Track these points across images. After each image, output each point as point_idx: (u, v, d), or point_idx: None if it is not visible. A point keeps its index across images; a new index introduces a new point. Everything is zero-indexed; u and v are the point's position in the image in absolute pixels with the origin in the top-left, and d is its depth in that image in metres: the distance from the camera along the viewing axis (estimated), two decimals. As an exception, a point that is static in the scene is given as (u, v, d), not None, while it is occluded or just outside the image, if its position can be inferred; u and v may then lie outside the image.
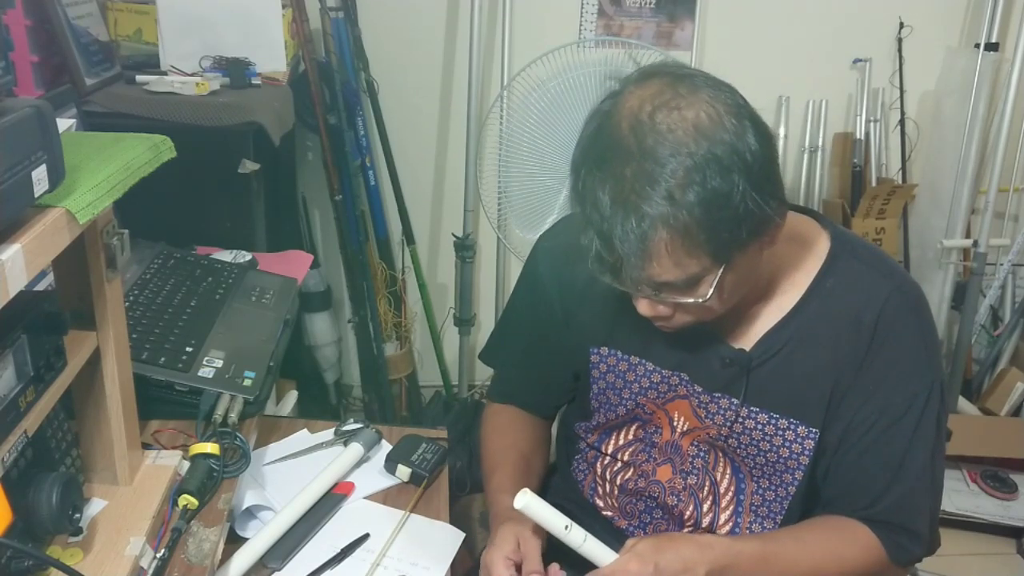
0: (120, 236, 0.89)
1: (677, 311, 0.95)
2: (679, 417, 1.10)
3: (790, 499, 1.07)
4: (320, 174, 2.21)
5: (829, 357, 1.01)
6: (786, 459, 1.05)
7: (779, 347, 1.02)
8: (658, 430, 1.12)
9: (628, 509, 1.15)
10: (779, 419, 1.03)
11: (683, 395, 1.08)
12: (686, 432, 1.10)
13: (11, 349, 0.78)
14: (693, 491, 1.10)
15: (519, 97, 2.05)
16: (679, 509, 1.11)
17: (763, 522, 1.09)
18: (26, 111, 0.69)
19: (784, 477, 1.06)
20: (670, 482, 1.11)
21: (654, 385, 1.09)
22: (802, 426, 1.03)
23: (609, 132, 0.88)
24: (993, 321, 2.57)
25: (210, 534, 0.97)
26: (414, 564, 1.06)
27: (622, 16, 2.33)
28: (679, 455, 1.11)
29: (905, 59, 2.37)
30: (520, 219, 2.09)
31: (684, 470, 1.10)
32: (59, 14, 1.50)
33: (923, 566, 2.09)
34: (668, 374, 1.08)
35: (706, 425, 1.07)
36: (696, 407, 1.07)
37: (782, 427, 1.03)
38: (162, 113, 1.54)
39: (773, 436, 1.04)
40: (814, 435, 1.03)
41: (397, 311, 2.44)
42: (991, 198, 2.39)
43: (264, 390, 1.19)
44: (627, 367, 1.10)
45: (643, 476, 1.13)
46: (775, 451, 1.05)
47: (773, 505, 1.08)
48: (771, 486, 1.07)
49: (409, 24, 2.31)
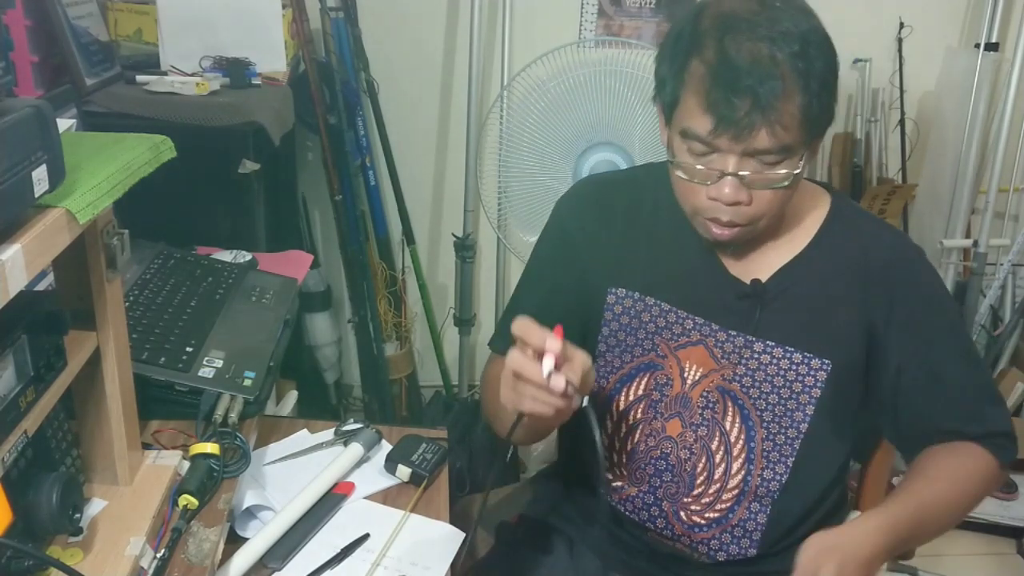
0: (120, 236, 0.89)
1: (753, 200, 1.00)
2: (691, 366, 1.12)
3: (800, 439, 1.10)
4: (320, 174, 2.20)
5: (841, 293, 1.08)
6: (798, 394, 1.09)
7: (791, 283, 1.09)
8: (669, 381, 1.13)
9: (638, 475, 1.16)
10: (793, 352, 1.08)
11: (696, 340, 1.11)
12: (697, 382, 1.12)
13: (11, 349, 0.78)
14: (704, 443, 1.12)
15: (519, 97, 2.05)
16: (691, 463, 1.13)
17: (775, 467, 1.11)
18: (26, 111, 0.69)
19: (795, 416, 1.10)
20: (680, 436, 1.13)
21: (669, 325, 1.13)
22: (816, 359, 1.08)
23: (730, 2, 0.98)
24: (993, 321, 2.57)
25: (210, 534, 0.97)
26: (414, 564, 1.06)
27: (622, 16, 2.33)
28: (688, 408, 1.13)
29: (905, 59, 2.37)
30: (520, 219, 2.09)
31: (693, 422, 1.13)
32: (59, 14, 1.50)
33: (923, 566, 2.10)
34: (683, 315, 1.12)
35: (721, 365, 1.11)
36: (712, 347, 1.11)
37: (796, 361, 1.09)
38: (162, 113, 1.54)
39: (787, 371, 1.09)
40: (827, 366, 1.08)
41: (397, 311, 2.44)
42: (991, 198, 2.39)
43: (264, 390, 1.19)
44: (643, 307, 1.14)
45: (652, 435, 1.14)
46: (788, 386, 1.09)
47: (784, 448, 1.11)
48: (780, 429, 1.11)
49: (409, 24, 2.31)
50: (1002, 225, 2.55)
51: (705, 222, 1.04)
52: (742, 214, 1.01)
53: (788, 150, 0.96)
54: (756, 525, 1.13)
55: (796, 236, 1.11)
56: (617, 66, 1.97)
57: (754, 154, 0.96)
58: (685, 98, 0.98)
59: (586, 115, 1.98)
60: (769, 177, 0.98)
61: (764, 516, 1.13)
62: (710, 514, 1.13)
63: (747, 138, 0.94)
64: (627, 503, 1.17)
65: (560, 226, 1.21)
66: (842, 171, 2.49)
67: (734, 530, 1.13)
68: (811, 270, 1.09)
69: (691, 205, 1.04)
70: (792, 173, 0.98)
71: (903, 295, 1.08)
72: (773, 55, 0.93)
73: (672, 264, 1.13)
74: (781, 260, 1.10)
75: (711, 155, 0.98)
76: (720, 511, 1.13)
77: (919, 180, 2.53)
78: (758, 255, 1.11)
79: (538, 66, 2.02)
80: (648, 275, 1.14)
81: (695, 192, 1.02)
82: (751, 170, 0.97)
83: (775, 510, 1.12)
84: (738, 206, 1.00)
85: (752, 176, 0.97)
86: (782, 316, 1.09)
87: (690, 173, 1.00)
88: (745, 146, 0.95)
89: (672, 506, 1.14)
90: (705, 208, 1.02)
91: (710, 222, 1.03)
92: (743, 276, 1.10)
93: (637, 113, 1.96)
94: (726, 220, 1.01)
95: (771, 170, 0.98)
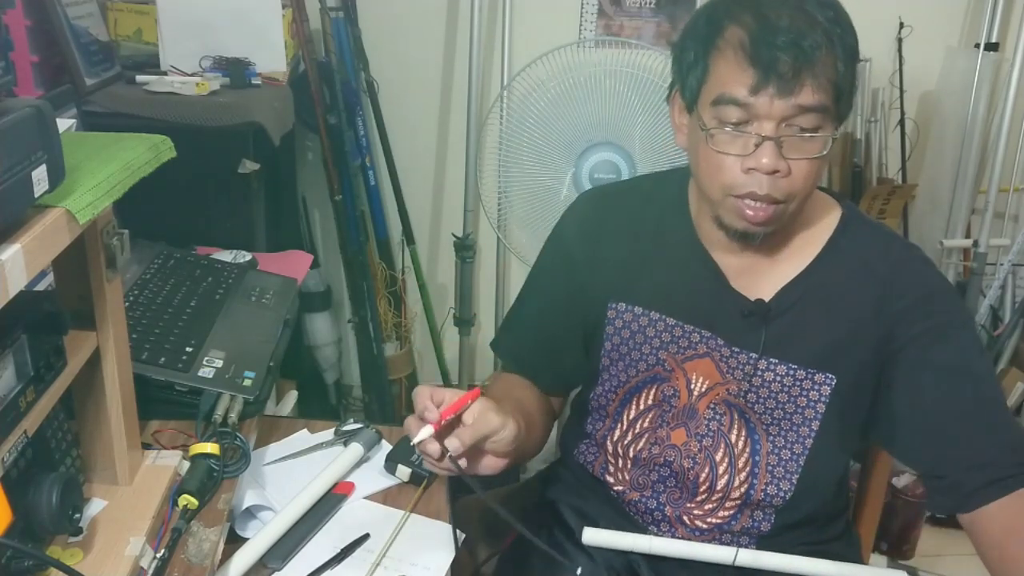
0: (120, 236, 0.89)
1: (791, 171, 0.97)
2: (697, 378, 1.11)
3: (806, 455, 1.09)
4: (320, 174, 2.20)
5: (844, 307, 1.05)
6: (803, 408, 1.08)
7: (795, 299, 1.07)
8: (676, 393, 1.13)
9: (640, 481, 1.16)
10: (797, 369, 1.07)
11: (703, 353, 1.10)
12: (704, 393, 1.11)
13: (11, 349, 0.78)
14: (708, 453, 1.11)
15: (519, 97, 2.05)
16: (694, 472, 1.12)
17: (779, 483, 1.10)
18: (26, 111, 0.69)
19: (801, 431, 1.08)
20: (685, 445, 1.13)
21: (675, 339, 1.11)
22: (819, 373, 1.06)
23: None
24: (993, 321, 2.56)
25: (210, 534, 0.97)
26: (414, 564, 1.06)
27: (622, 16, 2.33)
28: (694, 419, 1.12)
29: (905, 59, 2.37)
30: (520, 219, 2.09)
31: (699, 433, 1.12)
32: (59, 14, 1.50)
33: (923, 566, 2.09)
34: (689, 329, 1.10)
35: (727, 380, 1.09)
36: (719, 361, 1.09)
37: (799, 378, 1.07)
38: (162, 113, 1.54)
39: (791, 387, 1.07)
40: (831, 381, 1.06)
41: (397, 311, 2.44)
42: (991, 198, 2.39)
43: (264, 390, 1.19)
44: (647, 322, 1.13)
45: (657, 443, 1.14)
46: (792, 402, 1.07)
47: (789, 464, 1.10)
48: (786, 444, 1.09)
49: (409, 24, 2.31)
50: (1002, 225, 2.55)
51: (738, 204, 0.99)
52: (779, 187, 0.97)
53: (826, 112, 0.95)
54: (758, 532, 1.13)
55: (803, 249, 1.08)
56: (617, 66, 1.97)
57: (793, 116, 0.94)
58: (718, 66, 0.96)
59: (586, 115, 1.98)
60: (807, 145, 0.96)
61: (768, 524, 1.13)
62: (713, 519, 1.13)
63: (792, 92, 0.93)
64: (629, 506, 1.17)
65: (561, 241, 1.21)
66: (842, 171, 2.49)
67: (736, 534, 1.13)
68: (817, 286, 1.06)
69: (722, 184, 0.99)
70: (828, 139, 0.96)
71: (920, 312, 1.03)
72: (812, 16, 0.93)
73: (675, 279, 1.12)
74: (787, 276, 1.07)
75: (747, 124, 0.95)
76: (723, 518, 1.13)
77: (919, 180, 2.53)
78: (764, 270, 1.08)
79: (538, 66, 2.02)
80: (651, 290, 1.12)
81: (728, 168, 0.98)
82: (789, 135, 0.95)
83: (779, 519, 1.12)
84: (776, 177, 0.96)
85: (790, 143, 0.95)
86: (787, 334, 1.06)
87: (726, 143, 0.97)
88: (786, 104, 0.93)
89: (675, 511, 1.15)
90: (739, 183, 0.98)
91: (744, 202, 0.98)
92: (748, 292, 1.08)
93: (637, 113, 1.96)
94: (763, 193, 0.97)
95: (809, 136, 0.95)
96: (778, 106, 0.93)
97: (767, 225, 1.00)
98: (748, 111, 0.95)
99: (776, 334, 1.07)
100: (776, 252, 1.08)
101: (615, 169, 1.98)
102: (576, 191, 1.99)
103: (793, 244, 1.08)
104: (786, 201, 0.98)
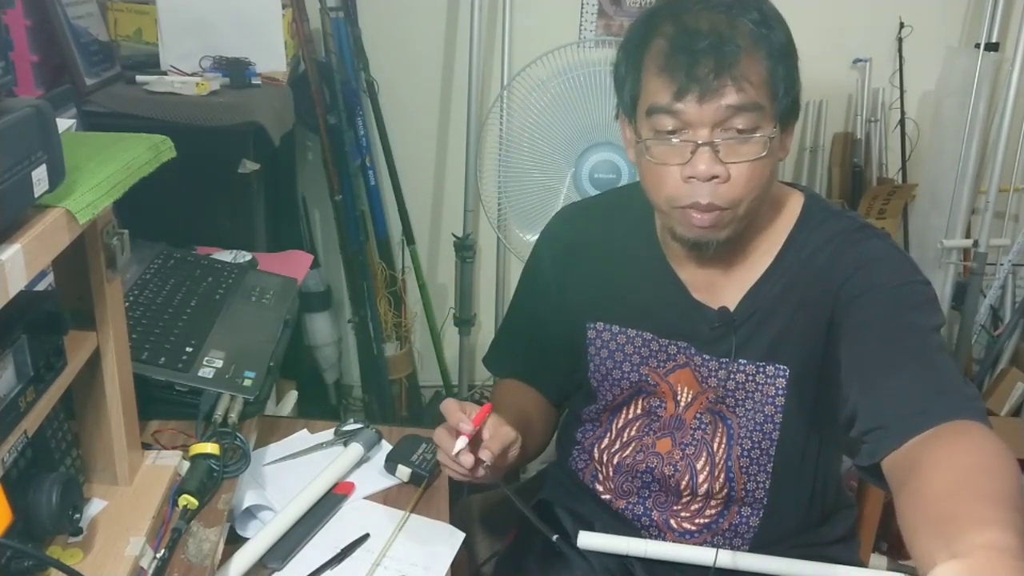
0: (120, 236, 0.89)
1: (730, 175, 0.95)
2: (683, 388, 1.13)
3: (775, 446, 1.10)
4: (320, 174, 2.20)
5: (802, 299, 1.05)
6: (766, 403, 1.08)
7: (759, 303, 1.07)
8: (662, 404, 1.14)
9: (625, 488, 1.18)
10: (756, 365, 1.08)
11: (683, 363, 1.12)
12: (690, 403, 1.13)
13: (11, 349, 0.78)
14: (690, 460, 1.13)
15: (519, 97, 2.05)
16: (675, 479, 1.13)
17: (755, 477, 1.12)
18: (26, 111, 0.69)
19: (766, 427, 1.09)
20: (668, 454, 1.14)
21: (654, 354, 1.13)
22: (771, 366, 1.07)
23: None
24: (993, 321, 2.57)
25: (210, 534, 0.96)
26: (414, 564, 1.06)
27: (622, 16, 2.33)
28: (681, 429, 1.14)
29: (905, 59, 2.37)
30: (520, 219, 2.09)
31: (683, 442, 1.13)
32: (59, 14, 1.49)
33: (923, 566, 2.09)
34: (666, 343, 1.12)
35: (705, 389, 1.11)
36: (696, 369, 1.10)
37: (755, 372, 1.08)
38: (162, 113, 1.53)
39: (754, 383, 1.08)
40: (784, 372, 1.07)
41: (397, 311, 2.44)
42: (991, 198, 2.39)
43: (264, 390, 1.19)
44: (625, 340, 1.14)
45: (642, 451, 1.16)
46: (755, 397, 1.08)
47: (761, 458, 1.11)
48: (755, 443, 1.10)
49: (409, 24, 2.31)
50: (1002, 225, 2.55)
51: (683, 214, 0.98)
52: (721, 194, 0.96)
53: (759, 110, 0.94)
54: (748, 528, 1.14)
55: (763, 252, 1.07)
56: (617, 66, 1.97)
57: (727, 119, 0.93)
58: (647, 78, 0.97)
59: (586, 115, 1.98)
60: (745, 148, 0.95)
61: (757, 519, 1.13)
62: (700, 520, 1.15)
63: (714, 95, 0.92)
64: (620, 511, 1.19)
65: (538, 263, 1.23)
66: (842, 171, 2.49)
67: (725, 533, 1.14)
68: (776, 284, 1.06)
69: (666, 196, 0.99)
70: (767, 140, 0.94)
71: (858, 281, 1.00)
72: (733, 21, 0.93)
73: (647, 295, 1.12)
74: (747, 282, 1.07)
75: (682, 132, 0.95)
76: (709, 517, 1.14)
77: (919, 180, 2.53)
78: (725, 279, 1.08)
79: (538, 66, 2.02)
80: (625, 308, 1.14)
81: (670, 178, 0.97)
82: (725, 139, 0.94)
83: (767, 513, 1.13)
84: (716, 184, 0.95)
85: (727, 147, 0.94)
86: (753, 335, 1.07)
87: (664, 154, 0.97)
88: (714, 107, 0.92)
89: (662, 515, 1.16)
90: (682, 194, 0.97)
91: (689, 212, 0.98)
92: (711, 302, 1.09)
93: (637, 113, 1.96)
94: (705, 203, 0.96)
95: (745, 139, 0.94)
96: (706, 110, 0.93)
97: (716, 230, 0.99)
98: (679, 118, 0.95)
99: (743, 337, 1.07)
100: (736, 259, 1.07)
101: (615, 169, 1.98)
102: (576, 191, 1.99)
103: (752, 248, 1.07)
104: (732, 207, 0.97)
